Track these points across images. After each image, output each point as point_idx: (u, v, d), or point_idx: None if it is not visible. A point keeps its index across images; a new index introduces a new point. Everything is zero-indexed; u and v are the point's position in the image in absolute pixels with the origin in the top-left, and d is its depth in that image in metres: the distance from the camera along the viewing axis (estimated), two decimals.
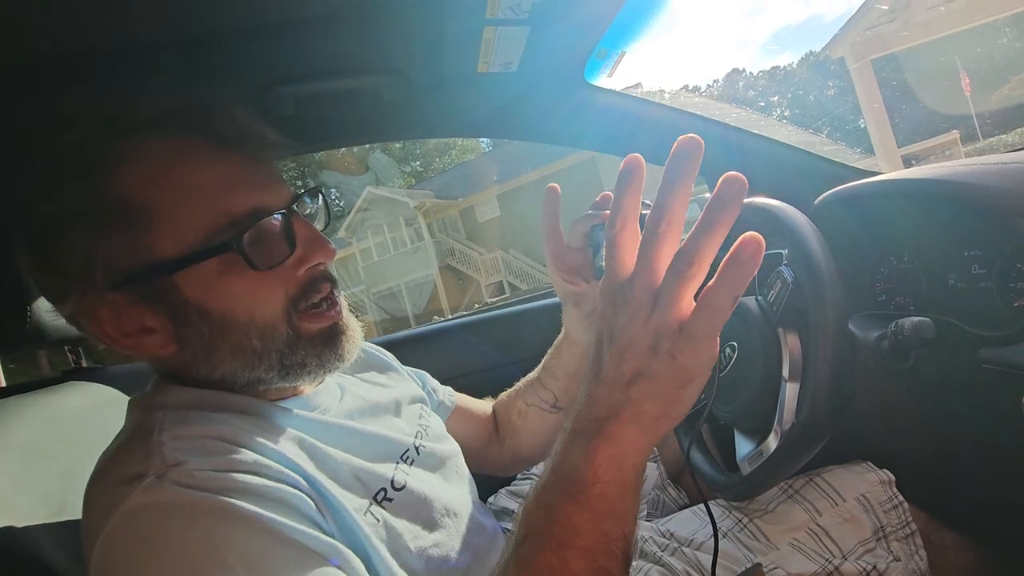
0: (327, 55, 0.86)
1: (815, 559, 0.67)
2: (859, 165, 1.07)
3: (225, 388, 0.50)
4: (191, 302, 0.46)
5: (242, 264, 0.46)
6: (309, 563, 0.40)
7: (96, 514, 0.41)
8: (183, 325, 0.47)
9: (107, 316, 0.46)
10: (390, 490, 0.53)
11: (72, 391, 0.73)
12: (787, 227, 0.70)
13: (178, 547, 0.38)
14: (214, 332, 0.47)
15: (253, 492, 0.41)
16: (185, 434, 0.44)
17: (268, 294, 0.48)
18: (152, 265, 0.45)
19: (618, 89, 1.10)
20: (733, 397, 0.76)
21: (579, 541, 0.38)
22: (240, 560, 0.38)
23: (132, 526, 0.39)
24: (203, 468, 0.41)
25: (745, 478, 0.71)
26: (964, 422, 0.68)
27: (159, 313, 0.46)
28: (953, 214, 0.73)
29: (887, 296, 0.85)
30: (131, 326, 0.47)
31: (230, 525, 0.39)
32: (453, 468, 0.66)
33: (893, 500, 0.71)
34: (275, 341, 0.48)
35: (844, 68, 8.42)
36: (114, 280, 0.45)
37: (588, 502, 0.38)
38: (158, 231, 0.45)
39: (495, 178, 17.67)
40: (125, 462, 0.43)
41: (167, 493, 0.39)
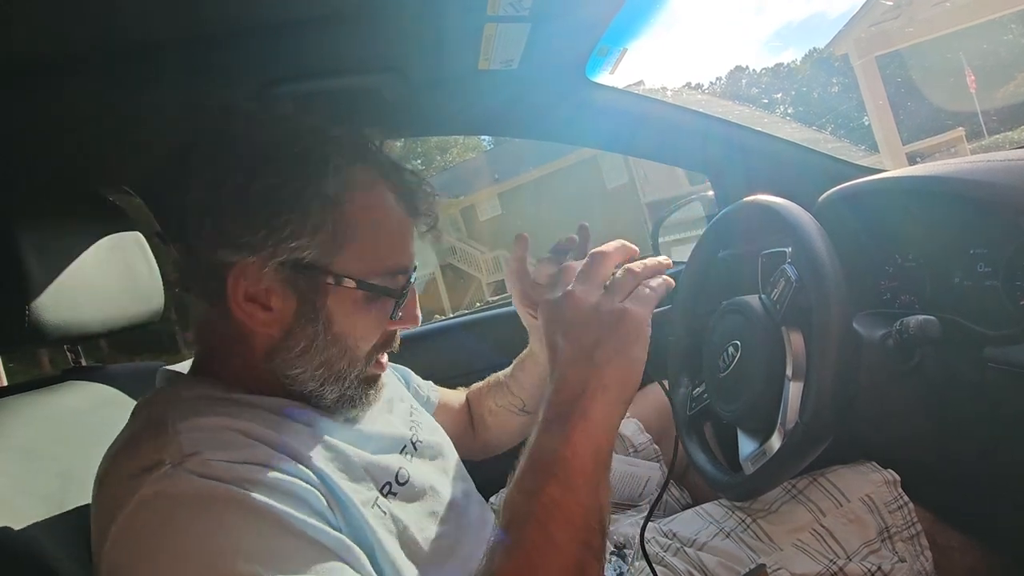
0: (327, 54, 0.85)
1: (819, 560, 0.67)
2: (863, 163, 1.06)
3: (257, 389, 0.53)
4: (325, 311, 0.51)
5: (381, 307, 0.53)
6: (318, 556, 0.41)
7: (111, 501, 0.42)
8: (306, 323, 0.51)
9: (251, 278, 0.49)
10: (394, 484, 0.55)
11: (71, 390, 0.73)
12: (791, 225, 0.69)
13: (193, 535, 0.39)
14: (323, 340, 0.52)
15: (266, 484, 0.42)
16: (201, 425, 0.45)
17: (372, 335, 0.55)
18: (327, 270, 0.50)
19: (620, 87, 1.09)
20: (736, 396, 0.75)
21: (561, 515, 0.41)
22: (253, 550, 0.39)
23: (148, 513, 0.40)
24: (219, 459, 0.42)
25: (748, 478, 0.71)
26: (970, 421, 0.67)
27: (292, 302, 0.51)
28: (958, 212, 0.72)
29: (892, 295, 0.84)
30: (259, 297, 0.50)
31: (244, 515, 0.40)
32: (451, 461, 0.68)
33: (898, 500, 0.70)
34: (353, 371, 0.54)
35: (848, 65, 8.38)
36: (287, 259, 0.49)
37: (567, 477, 0.41)
38: (349, 249, 0.51)
39: (496, 176, 17.66)
40: (141, 451, 0.44)
41: (184, 482, 0.41)
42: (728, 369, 0.77)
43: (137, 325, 0.79)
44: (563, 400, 0.43)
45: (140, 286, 0.80)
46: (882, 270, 0.86)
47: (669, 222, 1.36)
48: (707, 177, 1.24)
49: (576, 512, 0.41)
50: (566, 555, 0.40)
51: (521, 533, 0.41)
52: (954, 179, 0.70)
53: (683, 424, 0.87)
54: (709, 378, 0.83)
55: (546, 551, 0.40)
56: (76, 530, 0.57)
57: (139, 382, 0.79)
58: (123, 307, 0.76)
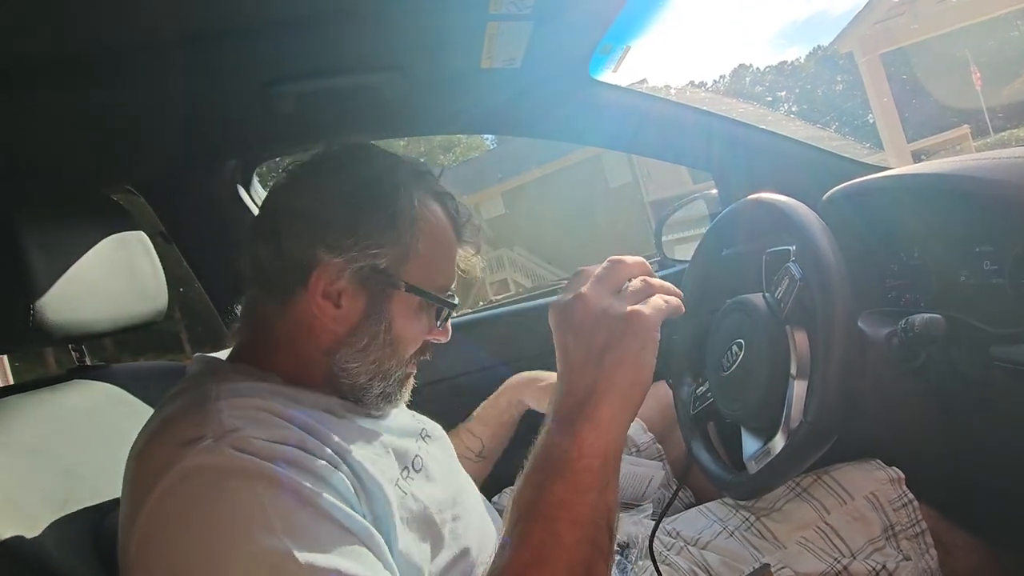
0: (329, 52, 0.85)
1: (824, 558, 0.66)
2: (868, 160, 1.06)
3: (308, 366, 0.58)
4: (388, 314, 0.57)
5: (430, 315, 0.60)
6: (341, 538, 0.43)
7: (151, 471, 0.45)
8: (370, 322, 0.57)
9: (330, 275, 0.55)
10: (411, 470, 0.59)
11: (77, 389, 0.73)
12: (795, 223, 0.69)
13: (230, 507, 0.41)
14: (381, 340, 0.57)
15: (298, 465, 0.45)
16: (241, 404, 0.48)
17: (417, 341, 0.61)
18: (397, 277, 0.57)
19: (623, 85, 1.09)
20: (739, 395, 0.75)
21: (567, 514, 0.42)
22: (284, 526, 0.41)
23: (189, 484, 0.43)
24: (257, 436, 0.45)
25: (752, 477, 0.70)
26: (975, 420, 0.66)
27: (362, 303, 0.56)
28: (964, 209, 0.71)
29: (897, 293, 0.84)
30: (333, 293, 0.56)
31: (278, 492, 0.42)
32: (453, 451, 0.73)
33: (903, 498, 0.70)
34: (398, 371, 0.60)
35: (853, 63, 8.34)
36: (364, 263, 0.55)
37: (574, 476, 0.42)
38: (415, 262, 0.58)
39: (499, 175, 17.64)
40: (184, 425, 0.47)
41: (224, 456, 0.43)
42: (732, 368, 0.77)
43: (141, 324, 0.79)
44: (572, 402, 0.44)
45: (144, 285, 0.80)
46: (887, 268, 0.86)
47: (672, 220, 1.36)
48: (711, 175, 1.23)
49: (584, 512, 0.42)
50: (573, 554, 0.41)
51: (529, 531, 0.42)
52: (959, 177, 0.70)
53: (687, 423, 0.87)
54: (713, 377, 0.83)
55: (554, 549, 0.41)
56: (81, 528, 0.57)
57: (144, 381, 0.79)
58: (127, 306, 0.76)
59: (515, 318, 1.25)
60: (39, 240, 0.65)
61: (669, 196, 12.88)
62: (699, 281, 0.93)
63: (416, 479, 0.58)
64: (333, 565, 0.41)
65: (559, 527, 0.41)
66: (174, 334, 15.94)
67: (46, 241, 0.66)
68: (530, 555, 0.41)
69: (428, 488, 0.59)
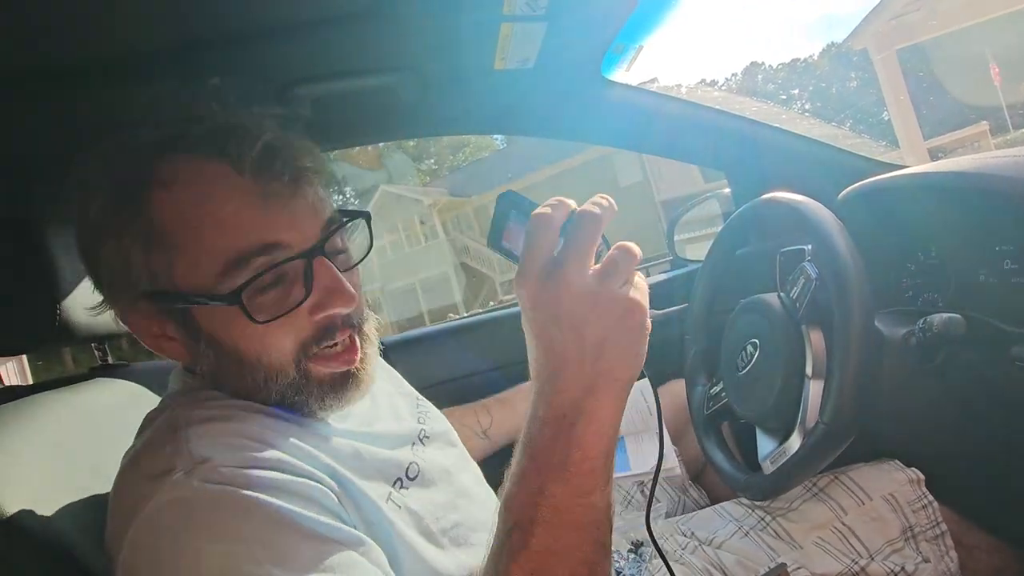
0: (344, 55, 0.86)
1: (841, 559, 0.66)
2: (884, 159, 1.05)
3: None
4: (204, 331, 0.48)
5: (265, 298, 0.46)
6: (330, 552, 0.41)
7: (125, 508, 0.43)
8: (195, 345, 0.48)
9: (137, 319, 0.49)
10: (405, 479, 0.55)
11: (100, 387, 0.74)
12: (811, 223, 0.68)
13: (206, 539, 0.39)
14: (223, 361, 0.48)
15: (277, 487, 0.42)
16: (211, 431, 0.45)
17: (278, 340, 0.47)
18: (170, 291, 0.46)
19: (635, 84, 1.08)
20: (754, 395, 0.75)
21: (570, 518, 0.39)
22: (268, 554, 0.39)
23: (162, 521, 0.40)
24: (228, 465, 0.42)
25: (767, 478, 0.70)
26: (995, 421, 0.66)
27: (173, 326, 0.49)
28: (983, 208, 0.70)
29: (914, 292, 0.83)
30: (157, 330, 0.49)
31: (254, 519, 0.40)
32: (459, 448, 0.69)
33: (922, 499, 0.69)
34: (281, 382, 0.49)
35: (867, 59, 8.23)
36: (142, 291, 0.47)
37: (578, 479, 0.39)
38: (179, 260, 0.45)
39: (509, 175, 17.64)
40: (153, 457, 0.44)
41: (195, 489, 0.41)
42: (747, 368, 0.77)
43: None
44: (567, 400, 0.39)
45: None
46: (904, 268, 0.85)
47: (685, 220, 1.35)
48: (723, 174, 1.23)
49: (587, 513, 0.40)
50: (575, 558, 0.39)
51: (528, 539, 0.39)
52: (978, 175, 0.69)
53: (700, 423, 0.87)
54: (727, 377, 0.82)
55: (557, 557, 0.39)
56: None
57: (164, 379, 0.81)
58: None
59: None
60: (63, 242, 0.66)
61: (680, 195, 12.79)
62: (712, 281, 0.93)
63: (412, 488, 0.55)
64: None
65: (562, 533, 0.39)
66: None
67: (70, 243, 0.67)
68: (533, 564, 0.39)
69: (425, 495, 0.55)
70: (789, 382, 0.69)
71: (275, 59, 0.84)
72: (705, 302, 0.93)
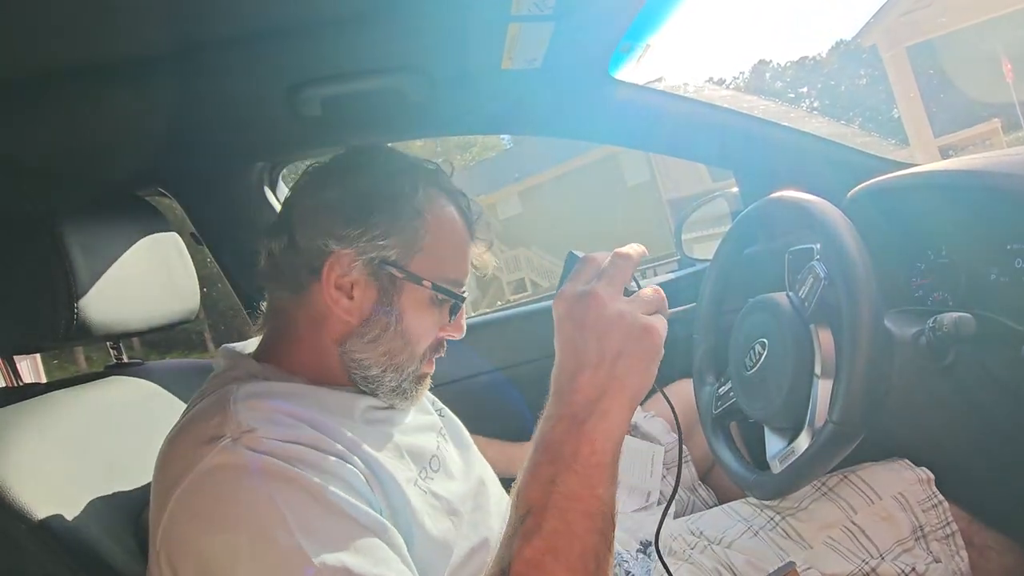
0: (353, 55, 0.87)
1: (851, 559, 0.66)
2: (893, 157, 1.04)
3: (328, 363, 0.60)
4: (398, 305, 0.59)
5: (441, 308, 0.61)
6: (356, 534, 0.45)
7: (175, 469, 0.47)
8: (381, 313, 0.59)
9: (342, 266, 0.57)
10: (429, 469, 0.60)
11: (115, 385, 0.76)
12: (820, 222, 0.68)
13: (245, 504, 0.44)
14: (392, 332, 0.59)
15: (312, 464, 0.47)
16: (258, 406, 0.50)
17: (429, 335, 0.62)
18: (405, 269, 0.58)
19: (642, 83, 1.08)
20: (763, 394, 0.75)
21: (580, 506, 0.43)
22: (298, 524, 0.43)
23: (208, 482, 0.45)
24: (271, 437, 0.47)
25: (775, 477, 0.70)
26: (1006, 420, 0.65)
27: (373, 293, 0.58)
28: (994, 206, 0.70)
29: (924, 292, 0.82)
30: (345, 284, 0.58)
31: (292, 492, 0.44)
32: (473, 447, 0.74)
33: (932, 499, 0.69)
34: (411, 366, 0.61)
35: (877, 56, 8.16)
36: (374, 255, 0.57)
37: (587, 472, 0.44)
38: (423, 255, 0.59)
39: (516, 175, 17.64)
40: (204, 424, 0.49)
41: (241, 455, 0.45)
42: (755, 367, 0.77)
43: (176, 323, 0.82)
44: (582, 400, 0.45)
45: (178, 285, 0.83)
46: (914, 267, 0.84)
47: (693, 219, 1.35)
48: (731, 173, 1.23)
49: (594, 504, 0.43)
50: (585, 544, 0.43)
51: (541, 522, 0.43)
52: (989, 173, 0.69)
53: (708, 423, 0.87)
54: (735, 376, 0.82)
55: (567, 539, 0.42)
56: (123, 518, 0.59)
57: (178, 378, 0.82)
58: (163, 305, 0.79)
59: (532, 318, 1.25)
60: (80, 242, 0.67)
61: (687, 195, 12.73)
62: (720, 280, 0.92)
63: (436, 478, 0.60)
64: (343, 562, 0.42)
65: (572, 518, 0.43)
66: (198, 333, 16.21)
67: (86, 243, 0.68)
68: (545, 544, 0.42)
69: (449, 484, 0.60)
70: (798, 381, 0.69)
71: (283, 60, 0.84)
72: (713, 301, 0.93)
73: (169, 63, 0.77)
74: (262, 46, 0.80)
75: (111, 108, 0.84)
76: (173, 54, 0.76)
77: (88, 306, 0.64)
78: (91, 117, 0.86)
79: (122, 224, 0.78)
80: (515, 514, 0.44)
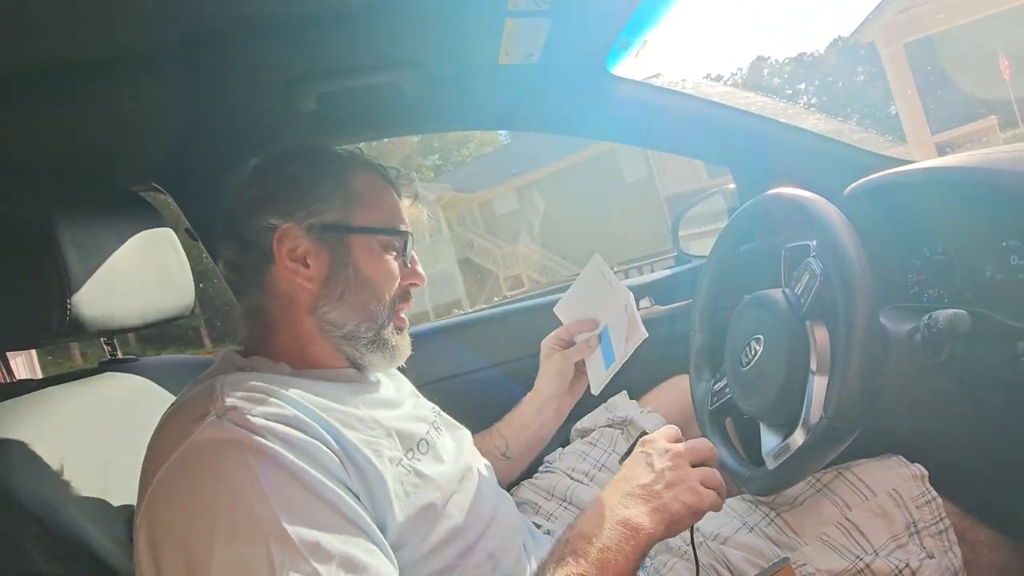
0: (349, 50, 0.86)
1: (845, 555, 0.66)
2: (890, 153, 1.04)
3: (306, 342, 0.64)
4: (352, 258, 0.64)
5: (392, 252, 0.67)
6: (329, 515, 0.47)
7: (167, 443, 0.50)
8: (338, 270, 0.64)
9: (289, 239, 0.62)
10: (416, 451, 0.62)
11: (109, 381, 0.75)
12: (816, 218, 0.68)
13: (228, 476, 0.46)
14: (354, 283, 0.64)
15: (291, 443, 0.49)
16: (242, 387, 0.53)
17: (392, 281, 0.67)
18: (347, 226, 0.64)
19: (639, 79, 1.08)
20: (758, 391, 0.75)
21: None
22: (275, 497, 0.45)
23: (194, 455, 0.48)
24: (253, 414, 0.50)
25: (770, 473, 0.70)
26: (1001, 417, 0.66)
27: (325, 256, 0.63)
28: (990, 203, 0.70)
29: (920, 288, 0.83)
30: (299, 255, 0.63)
31: (270, 466, 0.47)
32: (469, 441, 0.76)
33: (926, 495, 0.69)
34: (383, 313, 0.66)
35: (875, 53, 8.16)
36: (313, 220, 0.63)
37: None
38: (359, 210, 0.65)
39: (514, 171, 17.61)
40: (193, 407, 0.52)
41: (226, 430, 0.48)
42: (751, 364, 0.77)
43: (170, 319, 0.81)
44: (628, 537, 0.53)
45: (172, 280, 0.82)
46: (910, 263, 0.85)
47: (690, 216, 1.35)
48: (728, 170, 1.22)
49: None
50: None
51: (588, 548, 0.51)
52: (986, 169, 0.69)
53: (704, 419, 0.87)
54: (731, 372, 0.83)
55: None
56: (118, 513, 0.59)
57: (172, 374, 0.82)
58: (157, 301, 0.79)
59: (529, 314, 1.25)
60: (74, 238, 0.67)
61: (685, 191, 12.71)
62: (717, 277, 0.93)
63: (423, 459, 0.62)
64: (316, 538, 0.45)
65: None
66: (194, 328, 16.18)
67: (80, 239, 0.68)
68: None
69: (435, 466, 0.63)
70: (793, 378, 0.69)
71: (281, 55, 0.84)
72: (709, 298, 0.93)
73: (164, 58, 0.77)
74: (258, 41, 0.80)
75: (105, 104, 0.84)
76: (169, 49, 0.76)
77: (82, 302, 0.64)
78: (85, 112, 0.85)
79: (116, 220, 0.77)
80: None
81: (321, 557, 0.45)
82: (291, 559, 0.44)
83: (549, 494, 0.89)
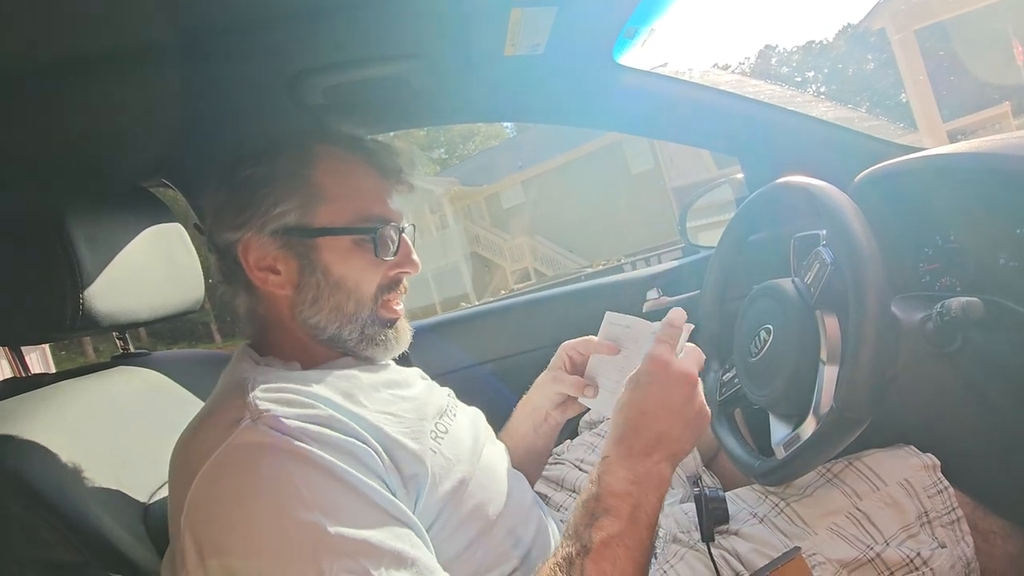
0: (355, 42, 0.86)
1: (856, 545, 0.66)
2: (901, 141, 1.03)
3: (305, 342, 0.63)
4: (321, 261, 0.61)
5: (366, 248, 0.62)
6: (372, 513, 0.47)
7: (198, 453, 0.49)
8: (308, 275, 0.61)
9: (255, 250, 0.60)
10: (437, 431, 0.62)
11: (122, 375, 0.76)
12: (826, 207, 0.68)
13: (268, 481, 0.45)
14: (326, 287, 0.61)
15: (326, 442, 0.48)
16: (273, 389, 0.52)
17: (371, 277, 0.63)
18: (311, 227, 0.61)
19: (646, 69, 1.07)
20: (768, 381, 0.74)
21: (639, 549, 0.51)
22: (316, 500, 0.45)
23: (231, 460, 0.47)
24: (288, 416, 0.49)
25: (780, 463, 0.70)
26: (1013, 406, 0.65)
27: (293, 261, 0.61)
28: (1004, 190, 0.69)
29: (932, 277, 0.82)
30: (266, 263, 0.61)
31: (309, 469, 0.46)
32: (485, 427, 0.75)
33: (938, 485, 0.68)
34: (363, 312, 0.63)
35: (885, 39, 8.03)
36: (278, 228, 0.60)
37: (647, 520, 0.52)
38: (323, 208, 0.61)
39: (520, 164, 17.55)
40: (225, 411, 0.51)
41: (261, 434, 0.48)
42: (760, 354, 0.76)
43: (181, 313, 0.82)
44: (646, 469, 0.54)
45: (182, 275, 0.83)
46: (921, 252, 0.84)
47: (697, 206, 1.34)
48: (736, 160, 1.21)
49: (647, 543, 0.52)
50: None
51: (608, 552, 0.49)
52: (998, 156, 0.68)
53: (713, 410, 0.87)
54: (740, 363, 0.82)
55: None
56: (132, 505, 0.60)
57: (184, 369, 0.83)
58: (168, 295, 0.79)
59: (536, 307, 1.25)
60: (85, 233, 0.68)
61: (692, 182, 12.63)
62: (725, 267, 0.92)
63: (445, 439, 0.62)
64: (362, 536, 0.44)
65: (638, 554, 0.51)
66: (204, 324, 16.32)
67: (91, 235, 0.69)
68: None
69: (457, 446, 0.62)
70: (803, 367, 0.69)
71: (286, 48, 0.84)
72: (718, 288, 0.93)
73: (171, 53, 0.77)
74: (264, 34, 0.80)
75: (113, 99, 0.84)
76: (176, 44, 0.76)
77: (94, 297, 0.65)
78: (93, 109, 0.85)
79: (126, 215, 0.78)
80: (570, 546, 0.50)
81: (370, 556, 0.44)
82: (340, 562, 0.43)
83: (558, 486, 0.89)
